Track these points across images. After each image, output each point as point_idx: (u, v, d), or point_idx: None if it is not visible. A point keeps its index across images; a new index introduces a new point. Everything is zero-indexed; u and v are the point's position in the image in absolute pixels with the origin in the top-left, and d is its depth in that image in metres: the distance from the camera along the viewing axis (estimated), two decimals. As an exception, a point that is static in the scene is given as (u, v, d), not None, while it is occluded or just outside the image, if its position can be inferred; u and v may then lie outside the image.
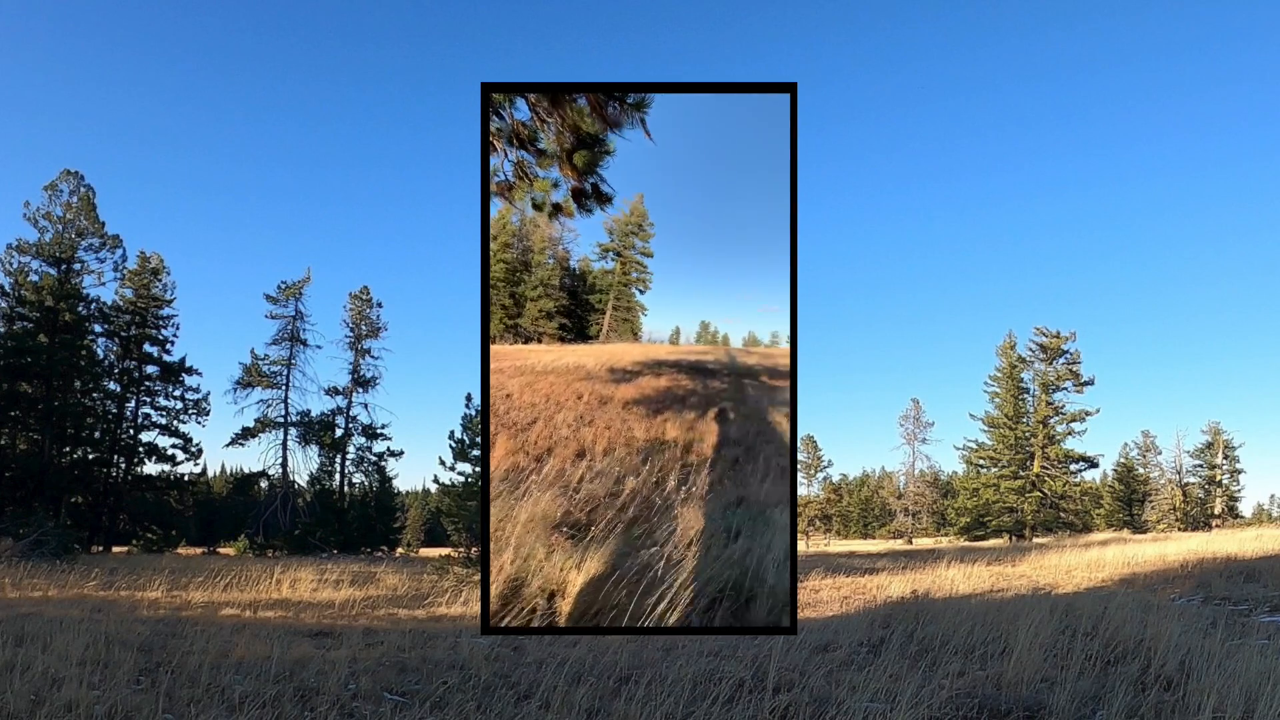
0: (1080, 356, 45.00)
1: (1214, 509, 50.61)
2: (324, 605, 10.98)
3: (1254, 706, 4.39)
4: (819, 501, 61.17)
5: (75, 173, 30.36)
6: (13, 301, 28.62)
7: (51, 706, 4.42)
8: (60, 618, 7.90)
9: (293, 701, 4.94)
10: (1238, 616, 8.25)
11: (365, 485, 37.42)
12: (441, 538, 54.80)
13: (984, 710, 4.75)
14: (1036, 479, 44.41)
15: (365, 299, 38.31)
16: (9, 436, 28.16)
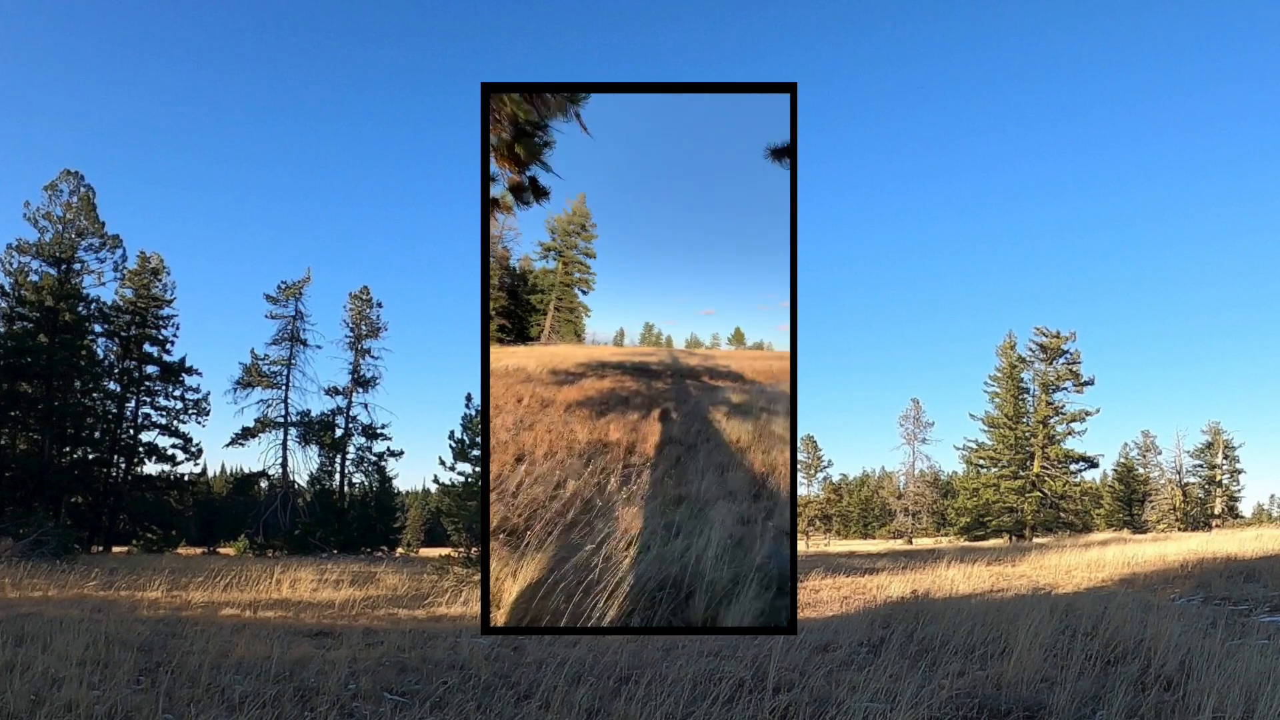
0: (1080, 356, 45.05)
1: (1214, 509, 50.60)
2: (324, 605, 10.98)
3: (1254, 706, 4.39)
4: (819, 501, 61.16)
5: (75, 173, 30.38)
6: (13, 301, 28.61)
7: (51, 706, 4.42)
8: (60, 618, 7.90)
9: (293, 701, 4.94)
10: (1238, 616, 8.25)
11: (365, 485, 37.43)
12: (441, 538, 54.79)
13: (984, 710, 4.75)
14: (1036, 479, 44.41)
15: (365, 299, 38.32)
16: (9, 436, 28.16)
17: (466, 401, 21.94)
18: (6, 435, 28.06)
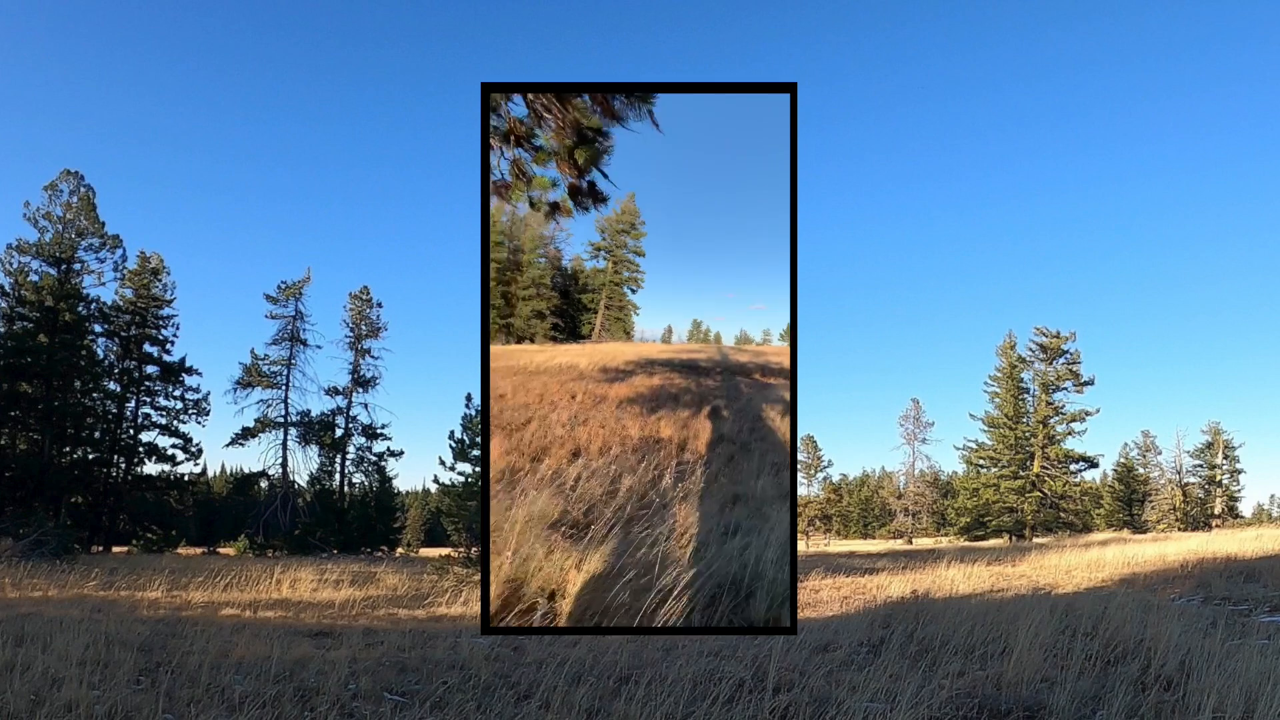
0: (1080, 356, 45.06)
1: (1214, 509, 50.60)
2: (324, 605, 10.98)
3: (1254, 706, 4.39)
4: (819, 501, 61.15)
5: (75, 173, 30.39)
6: (13, 301, 28.62)
7: (51, 706, 4.42)
8: (60, 618, 7.90)
9: (293, 701, 4.94)
10: (1238, 616, 8.25)
11: (365, 485, 37.42)
12: (441, 538, 54.81)
13: (984, 710, 4.75)
14: (1036, 479, 44.41)
15: (365, 299, 38.32)
16: (9, 436, 28.16)
17: (466, 401, 21.97)
18: (6, 435, 28.06)
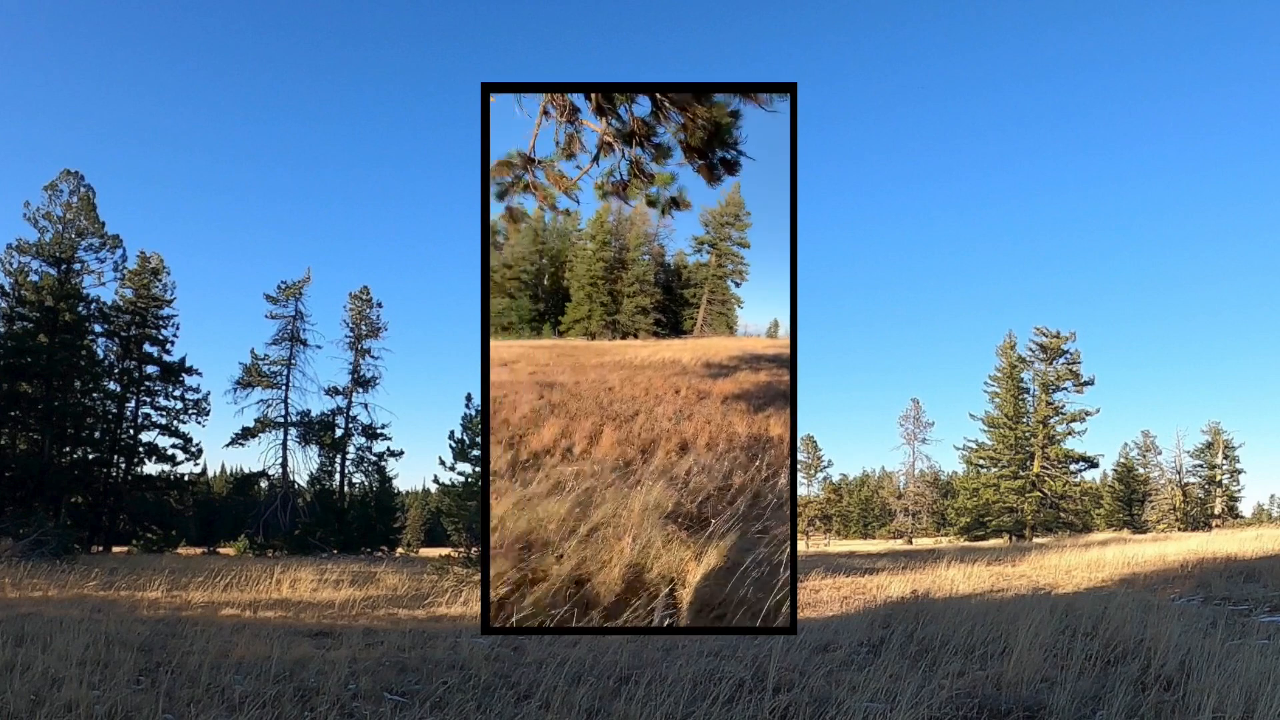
0: (1080, 356, 45.06)
1: (1214, 509, 50.60)
2: (324, 605, 10.98)
3: (1254, 706, 4.39)
4: (819, 501, 61.15)
5: (75, 173, 30.39)
6: (13, 301, 28.61)
7: (51, 706, 4.42)
8: (60, 618, 7.90)
9: (293, 701, 4.94)
10: (1238, 616, 8.25)
11: (365, 485, 37.42)
12: (441, 538, 54.81)
13: (984, 710, 4.75)
14: (1036, 479, 44.41)
15: (365, 299, 38.32)
16: (9, 436, 28.16)
17: (466, 401, 21.97)
18: (6, 435, 28.06)
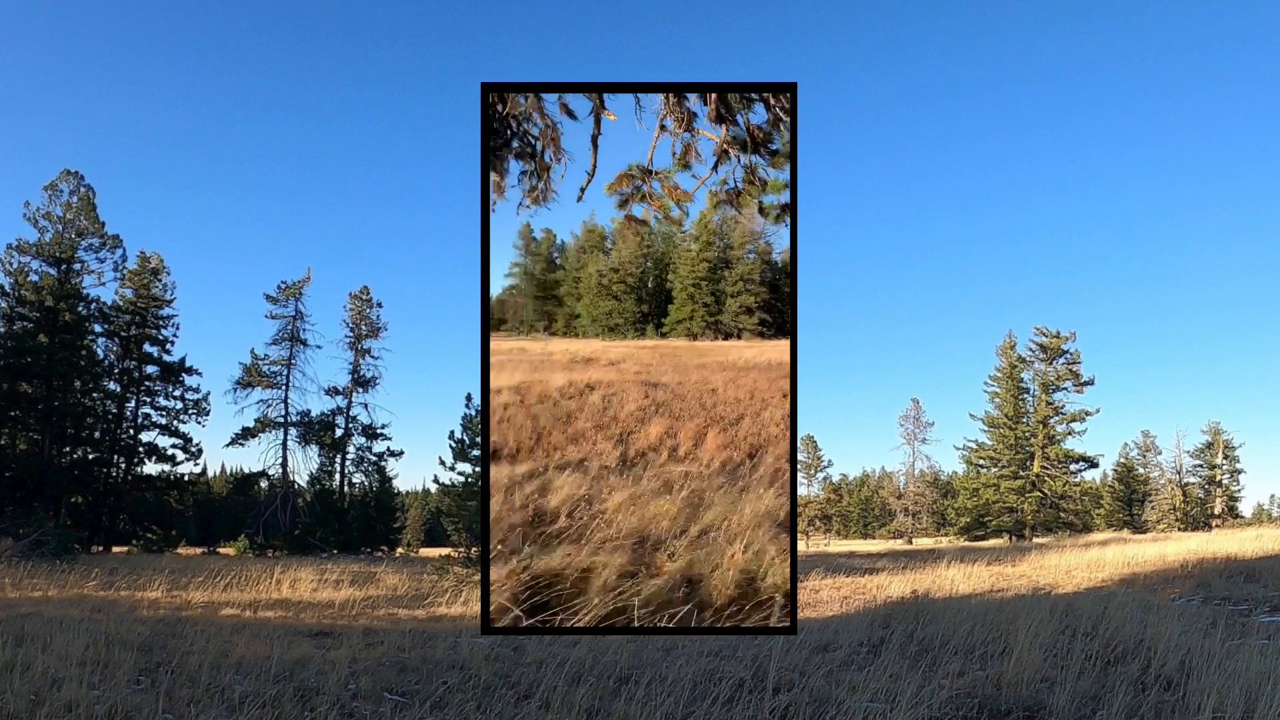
0: (1080, 356, 45.06)
1: (1214, 509, 50.61)
2: (324, 605, 10.98)
3: (1254, 706, 4.39)
4: (819, 501, 61.16)
5: (75, 173, 30.38)
6: (13, 301, 28.61)
7: (51, 706, 4.42)
8: (60, 618, 7.90)
9: (293, 701, 4.94)
10: (1238, 616, 8.25)
11: (365, 485, 37.41)
12: (441, 538, 54.79)
13: (984, 710, 4.75)
14: (1036, 479, 44.41)
15: (365, 299, 38.32)
16: (9, 436, 28.15)
17: (467, 401, 21.97)
18: (6, 435, 28.06)
